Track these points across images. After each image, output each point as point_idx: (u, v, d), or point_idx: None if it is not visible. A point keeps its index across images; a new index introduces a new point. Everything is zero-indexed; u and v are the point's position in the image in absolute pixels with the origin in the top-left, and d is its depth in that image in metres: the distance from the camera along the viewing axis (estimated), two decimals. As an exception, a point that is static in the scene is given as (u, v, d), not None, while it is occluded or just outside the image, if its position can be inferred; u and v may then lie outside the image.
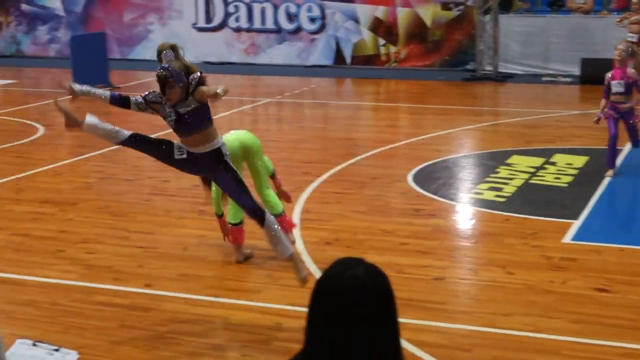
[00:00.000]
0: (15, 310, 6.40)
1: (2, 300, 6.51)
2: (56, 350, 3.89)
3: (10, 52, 23.13)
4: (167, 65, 5.99)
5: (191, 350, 5.76)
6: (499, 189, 9.52)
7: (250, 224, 6.92)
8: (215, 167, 6.13)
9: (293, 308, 6.32)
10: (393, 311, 2.51)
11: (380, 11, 19.99)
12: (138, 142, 6.20)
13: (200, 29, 21.55)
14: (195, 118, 5.98)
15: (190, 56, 21.06)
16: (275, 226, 6.23)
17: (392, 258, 7.27)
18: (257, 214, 6.18)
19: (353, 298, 2.45)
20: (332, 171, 10.49)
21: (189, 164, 6.17)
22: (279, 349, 5.70)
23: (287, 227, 7.42)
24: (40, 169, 10.82)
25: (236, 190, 6.16)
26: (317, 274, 7.03)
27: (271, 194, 7.54)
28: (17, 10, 22.99)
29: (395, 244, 7.82)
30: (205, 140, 6.04)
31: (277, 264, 7.32)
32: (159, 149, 6.21)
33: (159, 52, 6.21)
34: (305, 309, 5.72)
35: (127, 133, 6.20)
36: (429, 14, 19.64)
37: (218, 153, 6.08)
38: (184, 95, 5.97)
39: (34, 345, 3.89)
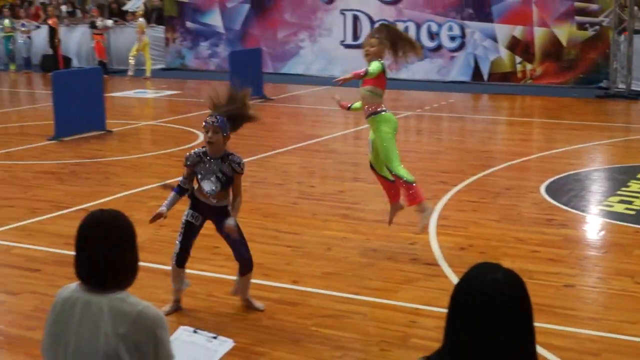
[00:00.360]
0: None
1: (164, 291, 6.67)
2: (214, 337, 3.96)
3: (175, 65, 23.76)
4: (215, 114, 6.16)
5: (333, 343, 5.79)
6: (630, 202, 9.23)
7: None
8: (221, 217, 6.16)
9: (429, 308, 6.29)
10: (529, 316, 2.48)
11: (518, 31, 19.72)
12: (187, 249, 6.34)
13: (347, 46, 21.68)
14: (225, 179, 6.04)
15: (337, 71, 21.42)
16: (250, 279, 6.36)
17: (524, 265, 7.14)
18: (249, 265, 6.29)
19: (492, 302, 2.43)
20: (467, 181, 10.39)
21: (205, 215, 6.26)
22: (415, 346, 5.68)
23: (417, 199, 7.51)
24: (199, 172, 11.05)
25: (239, 238, 6.25)
26: (452, 276, 6.99)
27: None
28: (182, 27, 23.61)
29: (527, 252, 7.69)
30: (224, 197, 6.12)
31: (415, 267, 7.31)
32: (193, 237, 6.37)
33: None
34: (439, 310, 5.70)
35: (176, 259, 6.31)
36: (564, 33, 19.26)
37: (225, 209, 6.16)
38: (221, 152, 6.03)
39: (195, 332, 3.97)
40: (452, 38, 20.52)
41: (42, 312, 6.19)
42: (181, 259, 6.25)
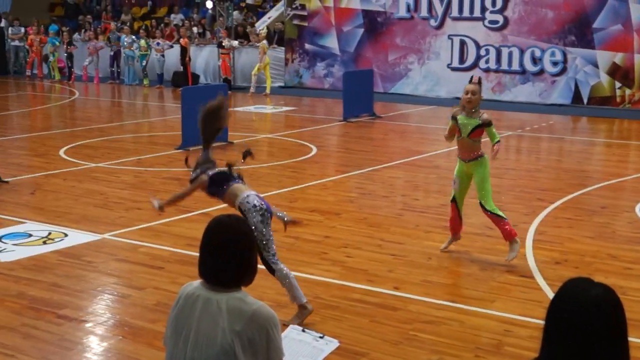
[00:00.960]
0: (286, 301, 6.58)
1: (274, 292, 6.74)
2: (321, 337, 3.98)
3: (293, 83, 24.02)
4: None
5: (430, 347, 5.75)
6: None
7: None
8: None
9: (523, 318, 6.17)
10: (624, 331, 2.43)
11: (618, 57, 19.26)
12: None
13: (454, 69, 21.54)
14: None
15: (443, 92, 21.31)
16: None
17: (616, 281, 6.95)
18: (270, 269, 6.25)
19: (589, 316, 2.38)
20: (564, 199, 10.18)
21: None
22: (510, 354, 5.59)
23: (512, 234, 7.52)
24: (311, 183, 11.15)
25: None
26: (546, 289, 6.86)
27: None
28: (301, 48, 23.86)
29: (620, 268, 7.48)
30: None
31: (511, 278, 7.20)
32: None
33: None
34: (533, 320, 5.58)
35: None
36: (664, 60, 18.69)
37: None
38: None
39: (303, 331, 4.00)
40: (555, 63, 20.16)
41: (163, 306, 6.34)
42: None
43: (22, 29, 27.44)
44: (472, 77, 7.88)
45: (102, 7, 31.18)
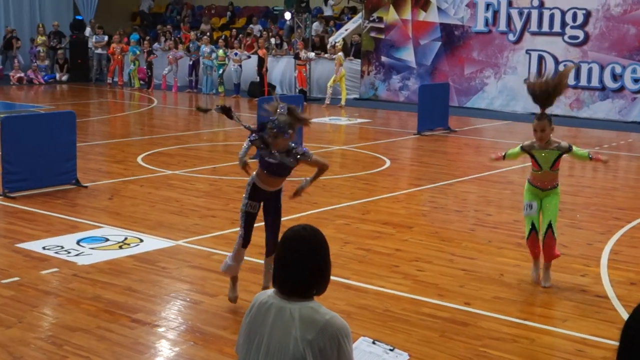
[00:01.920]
0: (356, 312, 6.63)
1: (345, 303, 6.77)
2: (391, 350, 3.98)
3: (368, 95, 24.05)
4: (274, 118, 6.21)
5: (500, 364, 5.71)
6: None
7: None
8: (275, 199, 6.61)
9: (596, 339, 6.08)
10: None
11: (701, 75, 18.81)
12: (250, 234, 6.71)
13: (531, 84, 21.26)
14: (286, 170, 6.43)
15: (519, 107, 21.08)
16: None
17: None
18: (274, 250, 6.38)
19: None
20: (642, 219, 9.99)
21: (258, 200, 6.62)
22: (580, 374, 5.53)
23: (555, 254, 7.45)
24: (383, 196, 11.14)
25: (277, 219, 6.68)
26: (621, 310, 6.74)
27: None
28: (377, 61, 23.89)
29: (699, 292, 7.31)
30: (280, 184, 6.57)
31: (584, 298, 7.10)
32: (252, 226, 6.68)
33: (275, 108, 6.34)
34: (606, 341, 5.51)
35: (241, 235, 6.69)
36: None
37: (279, 193, 6.64)
38: (286, 148, 6.27)
39: (374, 343, 4.01)
40: (636, 80, 19.79)
41: (234, 314, 6.43)
42: (246, 242, 6.67)
43: (105, 38, 28.08)
44: (535, 114, 7.58)
45: (182, 17, 31.69)
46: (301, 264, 3.22)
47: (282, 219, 6.80)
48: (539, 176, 7.44)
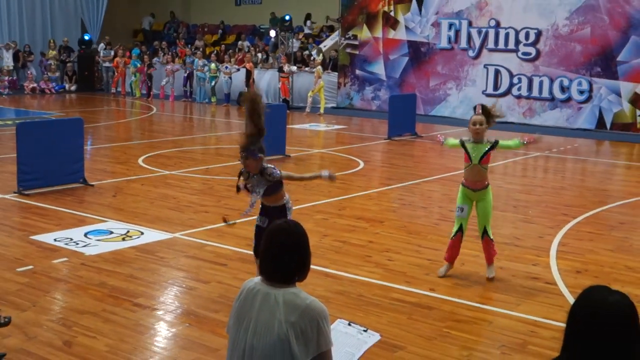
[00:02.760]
0: (332, 297, 6.63)
1: (323, 289, 6.78)
2: (365, 330, 3.99)
3: (344, 105, 24.05)
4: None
5: (461, 344, 5.73)
6: None
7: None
8: (278, 217, 6.08)
9: (546, 321, 6.12)
10: (639, 333, 2.41)
11: None
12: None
13: (489, 95, 21.36)
14: (269, 189, 6.20)
15: (478, 115, 20.80)
16: None
17: (632, 290, 6.83)
18: None
19: (606, 319, 2.37)
20: (586, 214, 10.05)
21: (267, 216, 6.33)
22: (533, 352, 5.54)
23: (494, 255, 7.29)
24: (357, 194, 11.15)
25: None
26: (568, 295, 6.78)
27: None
28: (352, 74, 23.90)
29: (636, 279, 7.36)
30: (276, 200, 6.27)
31: (536, 284, 7.13)
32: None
33: None
34: (555, 323, 5.52)
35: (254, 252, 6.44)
36: (681, 91, 18.39)
37: (283, 208, 6.29)
38: (258, 169, 6.13)
39: (349, 324, 4.01)
40: (581, 92, 19.91)
41: (226, 298, 6.42)
42: (256, 252, 6.36)
43: (112, 52, 27.98)
44: (475, 107, 7.42)
45: (178, 34, 31.58)
46: (286, 255, 3.22)
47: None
48: (469, 172, 7.25)
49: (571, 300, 6.49)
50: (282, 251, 3.22)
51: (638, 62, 18.99)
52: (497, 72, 21.23)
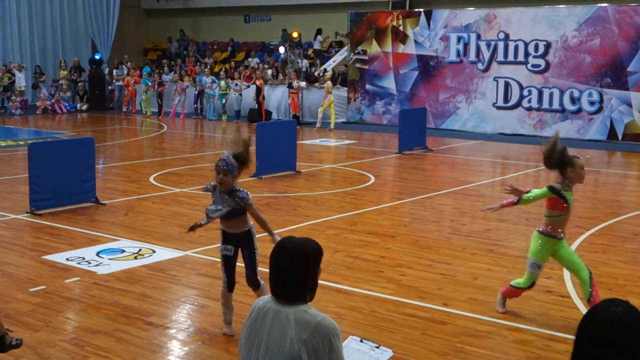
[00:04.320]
0: (345, 314, 6.61)
1: (335, 305, 6.75)
2: (377, 347, 3.97)
3: (355, 119, 24.07)
4: (225, 158, 5.98)
5: (475, 358, 5.68)
6: None
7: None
8: (244, 244, 6.13)
9: (560, 334, 6.09)
10: None
11: (649, 98, 18.94)
12: (232, 278, 6.25)
13: (499, 107, 21.37)
14: (235, 212, 5.98)
15: (488, 128, 21.13)
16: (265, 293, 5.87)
17: (647, 302, 6.80)
18: (253, 285, 6.25)
19: (610, 332, 2.35)
20: (600, 226, 10.00)
21: (232, 244, 6.14)
22: (546, 366, 5.51)
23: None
24: (369, 209, 11.13)
25: (250, 263, 6.17)
26: (582, 308, 6.73)
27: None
28: (362, 89, 23.94)
29: (651, 291, 7.32)
30: (239, 225, 6.05)
31: (550, 298, 7.09)
32: (233, 269, 6.25)
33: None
34: (570, 336, 5.48)
35: (224, 280, 6.25)
36: (692, 101, 18.32)
37: (248, 234, 6.10)
38: (229, 188, 5.92)
39: (361, 341, 3.99)
40: (592, 103, 19.87)
41: (237, 316, 6.39)
42: (230, 287, 6.22)
43: (125, 70, 28.19)
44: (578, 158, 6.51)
45: (188, 52, 31.74)
46: (290, 272, 3.19)
47: (280, 230, 6.74)
48: (565, 220, 6.41)
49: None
50: (289, 271, 3.19)
51: (648, 72, 18.94)
52: (507, 85, 21.21)
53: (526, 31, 20.78)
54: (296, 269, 3.19)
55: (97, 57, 29.23)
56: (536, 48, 20.64)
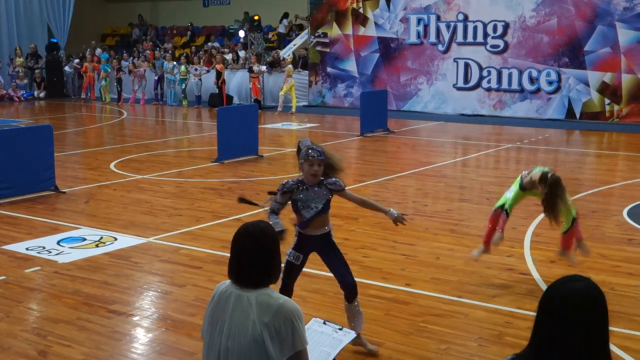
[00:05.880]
0: (308, 296, 6.63)
1: (299, 288, 6.72)
2: (340, 329, 3.99)
3: (316, 103, 24.06)
4: (316, 147, 5.41)
5: (438, 337, 5.74)
6: (703, 227, 8.79)
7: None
8: (323, 247, 5.47)
9: (521, 311, 6.17)
10: (605, 320, 2.43)
11: (607, 77, 19.17)
12: (291, 283, 5.47)
13: (459, 88, 21.51)
14: (325, 206, 5.37)
15: (449, 109, 21.30)
16: (358, 306, 5.51)
17: (606, 278, 6.92)
18: (354, 291, 5.49)
19: (571, 307, 2.39)
20: (559, 204, 10.12)
21: (305, 251, 5.45)
22: (510, 343, 5.57)
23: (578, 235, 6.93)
24: (332, 191, 11.13)
25: (342, 265, 5.51)
26: (542, 285, 6.83)
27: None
28: (323, 72, 23.91)
29: (609, 266, 7.44)
30: (324, 223, 5.40)
31: (511, 275, 7.18)
32: (294, 280, 5.50)
33: (300, 144, 5.54)
34: (531, 313, 5.55)
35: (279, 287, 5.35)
36: (648, 79, 18.64)
37: (328, 236, 5.44)
38: (317, 180, 5.34)
39: (324, 323, 4.01)
40: (550, 82, 20.08)
41: (201, 301, 6.39)
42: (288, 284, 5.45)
43: (77, 60, 27.84)
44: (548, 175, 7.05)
45: (147, 37, 31.39)
46: (250, 257, 3.19)
47: (243, 215, 6.71)
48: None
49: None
50: (249, 254, 3.19)
51: (605, 51, 19.18)
52: (466, 66, 21.34)
53: (485, 12, 20.90)
54: (260, 253, 3.18)
55: (53, 41, 28.72)
56: (495, 29, 20.79)
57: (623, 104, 19.13)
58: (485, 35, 20.94)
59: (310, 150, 5.33)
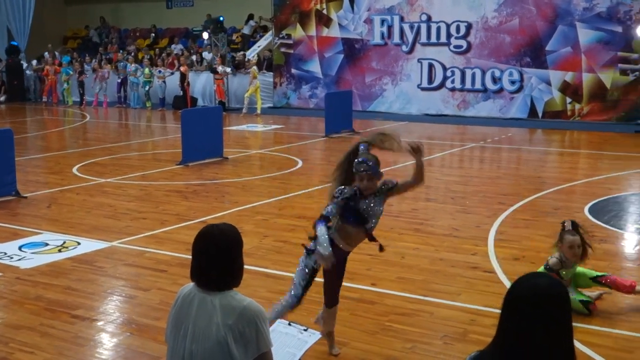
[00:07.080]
0: (275, 298, 6.55)
1: (265, 290, 6.74)
2: (305, 330, 3.99)
3: (281, 104, 24.03)
4: (363, 159, 5.21)
5: (404, 336, 5.77)
6: (663, 223, 8.94)
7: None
8: (342, 263, 5.45)
9: (486, 309, 6.21)
10: (569, 315, 2.46)
11: (569, 76, 19.42)
12: (307, 288, 5.36)
13: (423, 89, 21.63)
14: (376, 217, 5.11)
15: (414, 109, 21.36)
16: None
17: (568, 274, 7.00)
18: (336, 300, 5.47)
19: (534, 304, 2.42)
20: (522, 202, 10.23)
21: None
22: (474, 340, 5.61)
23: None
24: (297, 193, 11.15)
25: (341, 281, 5.51)
26: (506, 282, 6.89)
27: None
28: (288, 73, 23.89)
29: (572, 263, 7.52)
30: (363, 239, 5.16)
31: (475, 274, 7.23)
32: (312, 280, 5.46)
33: (357, 146, 5.30)
34: (495, 310, 5.60)
35: (297, 295, 5.27)
36: (609, 78, 18.91)
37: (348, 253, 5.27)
38: (375, 189, 5.12)
39: (289, 324, 4.01)
40: (512, 82, 20.29)
41: (166, 305, 6.31)
42: (299, 304, 5.35)
43: (39, 61, 27.53)
44: (564, 224, 6.29)
45: (109, 40, 31.12)
46: (214, 261, 3.17)
47: (208, 217, 6.69)
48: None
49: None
50: (209, 257, 3.17)
51: (566, 51, 19.43)
52: (430, 66, 21.47)
53: (447, 13, 21.05)
54: (221, 255, 3.17)
55: (13, 44, 28.33)
56: (458, 29, 20.94)
57: (584, 102, 19.39)
58: (449, 35, 21.09)
59: (358, 164, 5.09)
